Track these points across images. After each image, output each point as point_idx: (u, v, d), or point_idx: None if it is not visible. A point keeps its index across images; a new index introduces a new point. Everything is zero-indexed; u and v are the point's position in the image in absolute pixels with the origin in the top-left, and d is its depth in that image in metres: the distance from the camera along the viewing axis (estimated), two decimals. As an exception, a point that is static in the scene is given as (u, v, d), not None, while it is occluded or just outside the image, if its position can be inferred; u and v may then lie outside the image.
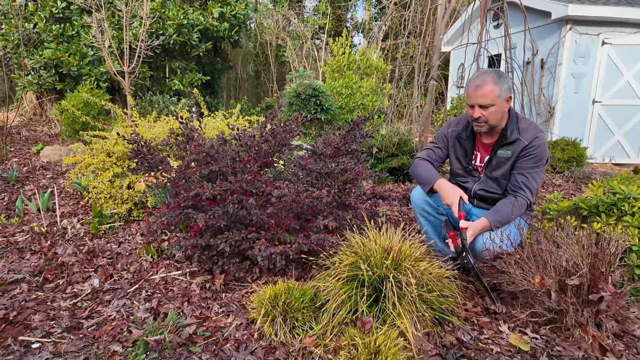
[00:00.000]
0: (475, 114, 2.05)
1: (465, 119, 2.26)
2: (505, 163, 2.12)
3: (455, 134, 2.29)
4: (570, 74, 5.91)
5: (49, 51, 7.30)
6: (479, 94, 2.00)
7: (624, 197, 2.20)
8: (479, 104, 2.02)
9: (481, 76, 2.01)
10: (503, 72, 2.02)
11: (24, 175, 4.54)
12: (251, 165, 2.29)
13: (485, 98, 1.99)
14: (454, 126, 2.31)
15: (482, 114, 2.03)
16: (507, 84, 2.01)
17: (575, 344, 1.70)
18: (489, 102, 2.00)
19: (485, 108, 2.02)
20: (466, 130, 2.24)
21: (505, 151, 2.11)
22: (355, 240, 1.93)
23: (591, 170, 5.41)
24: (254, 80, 15.39)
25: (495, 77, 1.99)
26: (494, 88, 1.98)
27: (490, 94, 1.99)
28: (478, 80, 2.01)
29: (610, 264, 1.69)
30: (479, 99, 2.01)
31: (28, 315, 1.91)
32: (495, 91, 1.98)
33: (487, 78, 1.99)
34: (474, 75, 2.06)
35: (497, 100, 2.00)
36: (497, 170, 2.15)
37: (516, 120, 2.11)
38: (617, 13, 5.56)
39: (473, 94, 2.02)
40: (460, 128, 2.27)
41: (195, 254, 2.28)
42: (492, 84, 1.98)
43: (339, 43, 7.95)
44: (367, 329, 1.66)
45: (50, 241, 2.76)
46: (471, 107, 2.07)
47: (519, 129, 2.09)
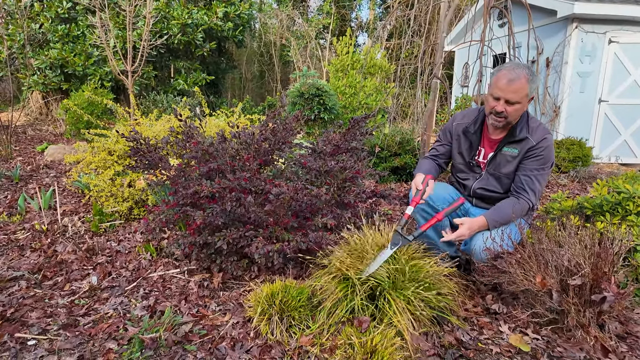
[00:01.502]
0: (498, 108, 1.92)
1: (473, 113, 2.18)
2: (510, 162, 2.06)
3: (461, 128, 2.20)
4: (576, 73, 5.84)
5: (54, 51, 7.35)
6: (511, 89, 1.86)
7: (629, 196, 2.16)
8: (508, 99, 1.89)
9: (516, 70, 1.86)
10: (532, 69, 1.92)
11: (28, 173, 4.57)
12: (250, 163, 2.27)
13: (516, 94, 1.87)
14: (459, 119, 2.22)
15: (506, 109, 1.92)
16: (537, 83, 1.92)
17: (577, 345, 1.66)
18: (517, 100, 1.89)
19: (511, 104, 1.90)
20: (474, 124, 2.15)
21: (512, 149, 2.05)
22: (353, 238, 1.91)
23: (597, 170, 5.33)
24: (258, 80, 15.41)
25: (529, 75, 1.86)
26: (526, 86, 1.86)
27: (521, 91, 1.87)
28: (513, 74, 1.85)
29: (614, 264, 1.65)
30: (509, 94, 1.88)
31: (25, 313, 1.91)
32: (526, 89, 1.87)
33: (522, 74, 1.85)
34: (508, 66, 1.89)
35: (525, 98, 1.90)
36: (501, 168, 2.10)
37: (527, 119, 2.03)
38: (624, 11, 5.48)
39: (505, 87, 1.87)
40: (468, 121, 2.17)
41: (194, 252, 2.27)
42: (525, 81, 1.85)
43: (343, 42, 7.93)
44: (363, 328, 1.64)
45: (51, 239, 2.77)
46: (496, 99, 1.93)
47: (528, 127, 2.01)
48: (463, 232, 1.93)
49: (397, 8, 7.82)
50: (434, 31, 9.93)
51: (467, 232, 1.94)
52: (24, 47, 7.04)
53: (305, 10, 15.63)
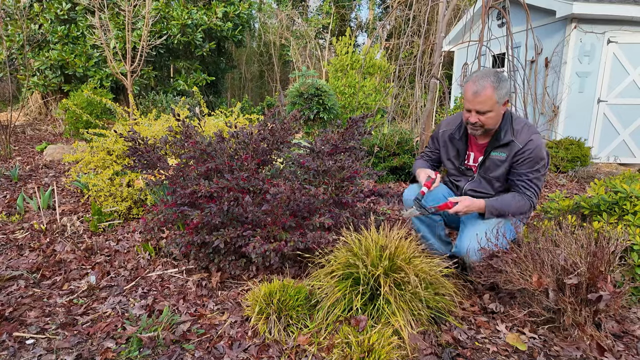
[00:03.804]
0: (471, 119, 1.97)
1: (458, 119, 2.21)
2: (500, 165, 2.07)
3: (447, 135, 2.24)
4: (575, 72, 5.85)
5: (54, 52, 7.35)
6: (478, 100, 1.90)
7: (626, 196, 2.17)
8: (477, 110, 1.93)
9: (480, 81, 1.89)
10: (502, 74, 1.93)
11: (27, 173, 4.58)
12: (249, 163, 2.28)
13: (484, 105, 1.90)
14: (444, 127, 2.26)
15: (479, 119, 1.96)
16: (506, 88, 1.92)
17: (574, 344, 1.67)
18: (487, 109, 1.92)
19: (483, 114, 1.94)
20: (459, 131, 2.18)
21: (500, 153, 2.05)
22: (351, 238, 1.91)
23: (596, 170, 5.34)
24: (257, 80, 15.42)
25: (494, 82, 1.88)
26: (492, 95, 1.88)
27: (488, 101, 1.89)
28: (476, 86, 1.89)
29: (610, 263, 1.66)
30: (477, 106, 1.92)
31: (24, 312, 1.92)
32: (494, 98, 1.89)
33: (486, 83, 1.88)
34: (472, 77, 1.94)
35: (495, 106, 1.92)
36: (492, 171, 2.11)
37: (510, 121, 2.04)
38: (623, 11, 5.48)
39: (471, 99, 1.92)
40: (453, 128, 2.21)
41: (192, 251, 2.27)
42: (491, 90, 1.88)
43: (343, 42, 7.94)
44: (361, 327, 1.64)
45: (50, 238, 2.77)
46: (468, 111, 1.99)
47: (513, 130, 2.02)
48: (459, 208, 1.97)
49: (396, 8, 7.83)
50: (433, 31, 9.95)
51: (463, 209, 1.97)
52: (23, 48, 7.04)
53: (304, 10, 15.64)
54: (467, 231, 2.07)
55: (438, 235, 2.29)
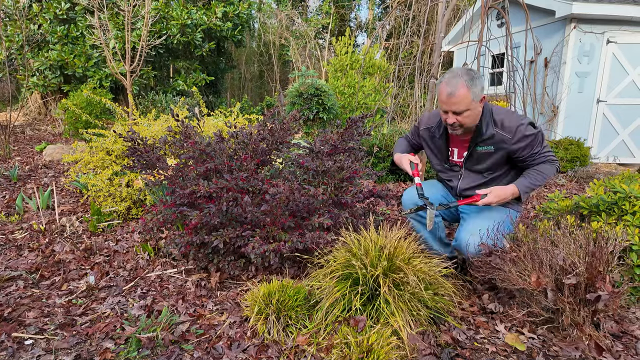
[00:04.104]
0: (449, 120, 1.95)
1: (437, 116, 2.17)
2: (487, 158, 2.06)
3: (427, 133, 2.22)
4: (575, 73, 5.85)
5: (54, 52, 7.34)
6: (452, 101, 1.88)
7: (625, 196, 2.17)
8: (453, 110, 1.91)
9: (452, 81, 1.87)
10: (474, 72, 1.90)
11: (26, 173, 4.57)
12: (248, 163, 2.28)
13: (459, 105, 1.88)
14: (425, 124, 2.23)
15: (457, 119, 1.93)
16: (481, 84, 1.89)
17: (572, 344, 1.67)
18: (463, 109, 1.89)
19: (460, 114, 1.92)
20: (438, 129, 2.16)
21: (486, 147, 2.03)
22: (351, 238, 1.91)
23: (595, 170, 5.34)
24: (257, 80, 15.42)
25: (467, 81, 1.85)
26: (467, 94, 1.86)
27: (464, 101, 1.87)
28: (450, 87, 1.87)
29: (609, 263, 1.66)
30: (453, 107, 1.90)
31: (22, 312, 1.91)
32: (469, 97, 1.87)
33: (459, 83, 1.85)
34: (445, 78, 1.91)
35: (471, 104, 1.89)
36: (479, 164, 2.10)
37: (490, 114, 2.00)
38: (622, 11, 5.49)
39: (446, 101, 1.90)
40: (433, 126, 2.18)
41: (191, 251, 2.27)
42: (465, 89, 1.85)
43: (342, 42, 7.94)
44: (360, 327, 1.64)
45: (49, 239, 2.77)
46: (444, 112, 1.96)
47: (494, 122, 1.99)
48: (490, 199, 1.96)
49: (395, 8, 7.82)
50: (432, 31, 9.95)
51: (496, 200, 1.97)
52: (23, 48, 7.03)
53: (304, 10, 15.64)
54: (467, 225, 2.07)
55: (439, 237, 2.29)
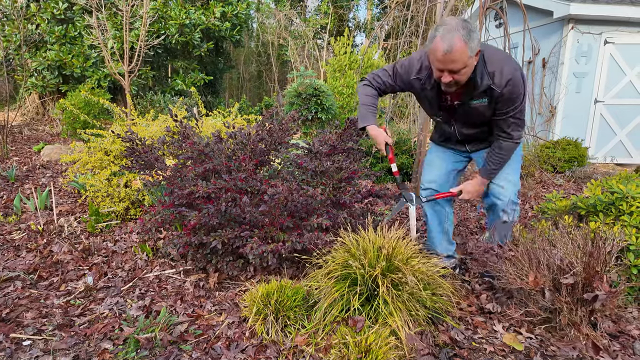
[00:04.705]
0: (444, 79, 1.76)
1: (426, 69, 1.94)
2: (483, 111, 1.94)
3: (418, 83, 1.99)
4: (572, 73, 5.87)
5: (52, 53, 7.32)
6: (450, 59, 1.67)
7: (622, 196, 2.18)
8: (449, 69, 1.72)
9: (447, 36, 1.64)
10: (470, 23, 1.70)
11: (24, 174, 4.56)
12: (246, 163, 2.28)
13: (457, 63, 1.69)
14: (415, 74, 1.98)
15: (453, 77, 1.75)
16: (477, 37, 1.70)
17: (570, 344, 1.68)
18: (460, 67, 1.70)
19: (457, 72, 1.73)
20: (429, 80, 1.94)
21: (480, 100, 1.90)
22: (349, 238, 1.91)
23: (593, 170, 5.36)
24: (256, 80, 15.41)
25: (465, 35, 1.64)
26: (465, 50, 1.66)
27: (461, 58, 1.67)
28: (446, 43, 1.64)
29: (606, 263, 1.67)
30: (449, 65, 1.70)
31: (20, 313, 1.91)
32: (467, 53, 1.67)
33: (455, 38, 1.64)
34: (439, 32, 1.68)
35: (469, 60, 1.71)
36: (473, 118, 2.01)
37: (484, 64, 1.82)
38: (620, 12, 5.51)
39: (442, 59, 1.69)
40: (422, 77, 1.96)
41: (189, 252, 2.27)
42: (462, 45, 1.64)
43: (341, 43, 7.94)
44: (358, 327, 1.64)
45: (47, 239, 2.77)
46: (439, 70, 1.76)
47: (488, 73, 1.81)
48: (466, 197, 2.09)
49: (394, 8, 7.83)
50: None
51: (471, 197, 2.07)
52: (21, 48, 7.02)
53: (302, 10, 15.64)
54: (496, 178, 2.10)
55: (445, 230, 2.30)
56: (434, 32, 1.71)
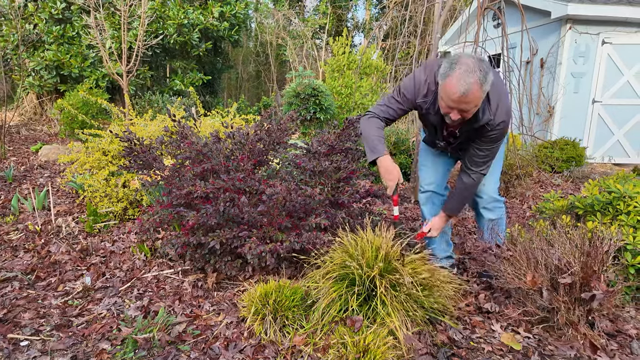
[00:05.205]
0: (453, 117, 1.75)
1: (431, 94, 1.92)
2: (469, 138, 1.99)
3: (424, 106, 1.96)
4: (570, 73, 5.88)
5: (49, 52, 7.31)
6: (464, 101, 1.66)
7: (620, 196, 2.18)
8: (461, 109, 1.71)
9: (465, 78, 1.62)
10: (485, 62, 1.67)
11: (22, 174, 4.55)
12: (245, 163, 2.28)
13: (470, 104, 1.69)
14: (421, 98, 1.95)
15: (462, 115, 1.75)
16: (491, 78, 1.68)
17: (568, 343, 1.68)
18: (472, 107, 1.72)
19: (467, 112, 1.74)
20: (433, 107, 1.93)
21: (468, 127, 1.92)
22: (347, 238, 1.91)
23: (590, 170, 5.38)
24: (254, 80, 15.41)
25: (481, 79, 1.63)
26: (480, 94, 1.66)
27: (475, 101, 1.68)
28: (463, 85, 1.62)
29: (603, 263, 1.67)
30: (462, 105, 1.69)
31: (18, 313, 1.91)
32: (480, 95, 1.67)
33: (472, 81, 1.62)
34: (454, 73, 1.64)
35: (480, 100, 1.71)
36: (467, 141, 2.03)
37: (487, 97, 1.80)
38: (617, 12, 5.53)
39: (457, 100, 1.67)
40: (428, 102, 1.94)
41: (188, 252, 2.27)
42: (478, 88, 1.63)
43: (339, 43, 7.95)
44: (356, 327, 1.64)
45: (44, 239, 2.76)
46: (449, 108, 1.75)
47: (490, 108, 1.82)
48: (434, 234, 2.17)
49: (392, 8, 7.84)
50: (429, 32, 9.96)
51: (437, 232, 2.16)
52: (18, 48, 7.00)
53: (301, 10, 15.64)
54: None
55: (444, 231, 2.31)
56: (449, 69, 1.67)
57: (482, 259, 2.10)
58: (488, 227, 2.25)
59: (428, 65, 1.94)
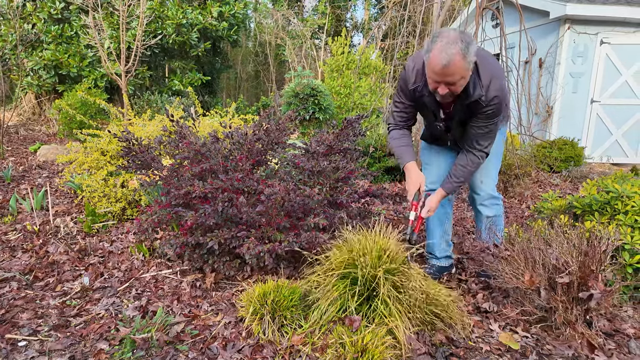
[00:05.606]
0: (440, 91, 1.76)
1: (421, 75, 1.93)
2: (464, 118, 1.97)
3: (417, 92, 1.98)
4: (569, 73, 5.89)
5: (48, 52, 7.30)
6: (448, 72, 1.67)
7: (618, 195, 2.19)
8: (447, 82, 1.72)
9: (447, 50, 1.63)
10: (467, 35, 1.68)
11: (20, 174, 4.54)
12: (243, 163, 2.28)
13: (455, 76, 1.69)
14: (412, 82, 1.97)
15: (450, 88, 1.75)
16: (474, 49, 1.68)
17: (565, 343, 1.68)
18: (458, 79, 1.71)
19: (453, 84, 1.73)
20: (426, 88, 1.92)
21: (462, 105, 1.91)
22: (352, 237, 1.90)
23: (589, 169, 5.38)
24: (253, 80, 15.41)
25: (463, 48, 1.63)
26: (463, 64, 1.65)
27: (459, 71, 1.67)
28: (445, 57, 1.63)
29: (601, 262, 1.67)
30: (447, 78, 1.70)
31: (16, 314, 1.90)
32: (464, 66, 1.67)
33: (454, 52, 1.62)
34: (436, 45, 1.65)
35: (466, 72, 1.71)
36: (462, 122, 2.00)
37: (477, 73, 1.81)
38: (616, 13, 5.54)
39: (440, 72, 1.68)
40: (420, 85, 1.94)
41: (186, 252, 2.26)
42: (461, 58, 1.63)
43: (338, 43, 7.95)
44: (355, 327, 1.64)
45: (43, 239, 2.75)
46: (435, 82, 1.76)
47: (481, 83, 1.81)
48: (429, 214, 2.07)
49: (391, 8, 7.85)
50: (428, 32, 9.97)
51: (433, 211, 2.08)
52: (16, 48, 6.99)
53: (300, 10, 15.64)
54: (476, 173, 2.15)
55: (445, 230, 2.31)
56: (431, 43, 1.69)
57: (480, 259, 2.10)
58: (486, 225, 2.25)
59: (416, 55, 1.97)
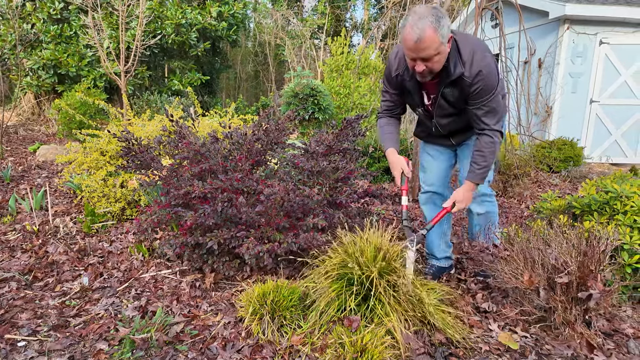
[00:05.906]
0: (418, 68, 1.77)
1: (402, 58, 1.94)
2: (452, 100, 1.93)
3: (399, 78, 2.00)
4: (568, 73, 5.90)
5: (47, 52, 7.29)
6: (421, 47, 1.67)
7: (617, 195, 2.19)
8: (421, 57, 1.72)
9: (418, 24, 1.64)
10: (439, 9, 1.69)
11: (19, 174, 4.54)
12: (243, 163, 2.28)
13: (428, 50, 1.68)
14: (395, 68, 2.00)
15: (426, 66, 1.75)
16: (447, 23, 1.68)
17: (565, 343, 1.69)
18: (432, 54, 1.70)
19: (429, 60, 1.73)
20: (407, 72, 1.93)
21: (451, 89, 1.89)
22: (347, 238, 1.91)
23: (588, 169, 5.39)
24: (253, 80, 15.40)
25: (434, 22, 1.63)
26: (435, 37, 1.65)
27: (432, 45, 1.66)
28: (416, 32, 1.64)
29: (600, 262, 1.68)
30: (421, 53, 1.70)
31: (15, 314, 1.90)
32: (437, 40, 1.66)
33: (425, 26, 1.63)
34: (408, 21, 1.67)
35: (441, 47, 1.70)
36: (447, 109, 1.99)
37: (457, 51, 1.81)
38: (615, 13, 5.54)
39: (414, 48, 1.68)
40: (402, 69, 1.96)
41: (185, 252, 2.26)
42: (432, 31, 1.63)
43: (338, 43, 7.95)
44: (354, 327, 1.65)
45: (42, 240, 2.75)
46: (412, 60, 1.76)
47: (462, 60, 1.81)
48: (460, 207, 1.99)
49: (391, 8, 7.83)
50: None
51: (464, 205, 1.99)
52: (16, 48, 6.98)
53: (299, 10, 15.64)
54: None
55: (444, 231, 2.31)
56: (404, 21, 1.71)
57: (480, 259, 2.10)
58: (478, 222, 2.25)
59: (399, 44, 1.97)
